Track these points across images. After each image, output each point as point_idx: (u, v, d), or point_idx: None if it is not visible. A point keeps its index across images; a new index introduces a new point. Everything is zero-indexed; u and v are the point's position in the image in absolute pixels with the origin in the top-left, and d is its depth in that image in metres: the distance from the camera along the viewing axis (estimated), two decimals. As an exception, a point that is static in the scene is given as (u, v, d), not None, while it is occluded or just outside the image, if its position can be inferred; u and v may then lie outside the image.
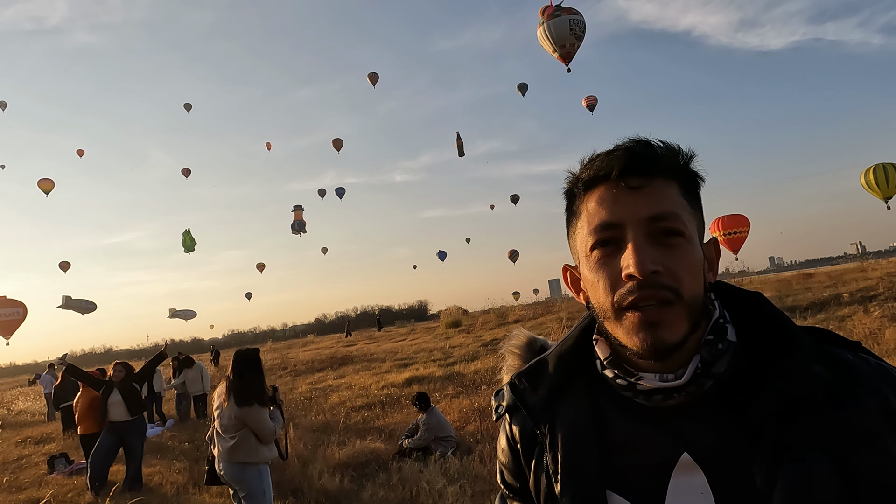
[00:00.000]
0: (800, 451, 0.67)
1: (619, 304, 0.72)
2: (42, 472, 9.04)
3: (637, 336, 0.71)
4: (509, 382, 0.91)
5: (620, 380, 0.77)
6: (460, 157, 34.12)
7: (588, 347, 0.85)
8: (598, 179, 0.77)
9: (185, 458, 8.58)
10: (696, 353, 0.73)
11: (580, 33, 19.11)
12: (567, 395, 0.85)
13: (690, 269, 0.72)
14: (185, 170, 44.66)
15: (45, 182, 32.44)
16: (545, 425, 0.84)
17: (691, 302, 0.71)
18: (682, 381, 0.72)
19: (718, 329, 0.75)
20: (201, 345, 72.13)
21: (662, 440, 0.74)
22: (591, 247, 0.76)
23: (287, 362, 22.08)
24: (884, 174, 21.58)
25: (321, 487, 6.20)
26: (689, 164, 0.78)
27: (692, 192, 0.78)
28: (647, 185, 0.74)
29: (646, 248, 0.71)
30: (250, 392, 4.19)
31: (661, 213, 0.73)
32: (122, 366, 7.51)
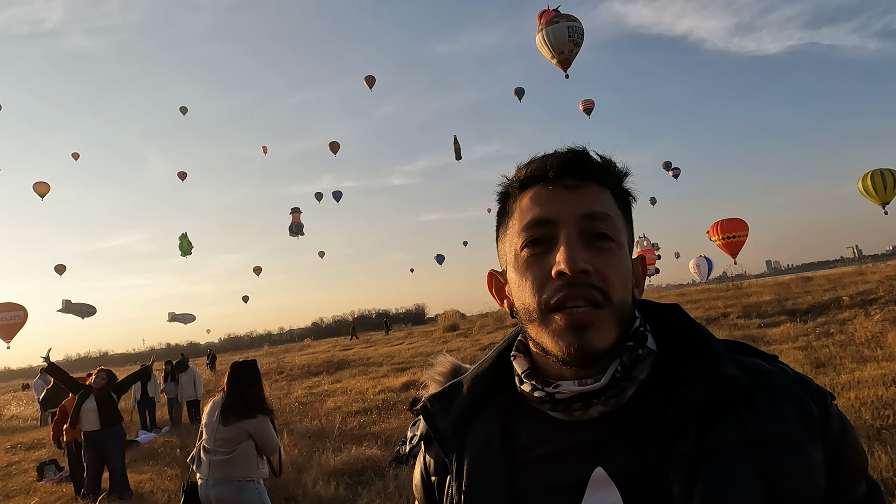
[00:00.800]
0: (718, 457, 0.65)
1: (547, 304, 0.70)
2: (32, 479, 8.88)
3: (564, 340, 0.69)
4: (421, 406, 0.86)
5: (538, 391, 0.74)
6: (457, 160, 34.07)
7: (506, 368, 0.82)
8: (534, 179, 0.76)
9: (177, 465, 8.43)
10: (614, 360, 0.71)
11: (578, 40, 19.26)
12: (479, 418, 0.81)
13: (620, 276, 0.71)
14: (181, 173, 44.58)
15: (40, 185, 32.27)
16: (453, 451, 0.80)
17: (620, 307, 0.70)
18: (601, 384, 0.69)
19: (638, 336, 0.74)
20: (197, 349, 71.81)
21: (576, 456, 0.71)
22: (521, 245, 0.74)
23: (283, 367, 21.92)
24: (881, 180, 21.66)
25: (316, 495, 6.06)
26: (623, 179, 0.78)
27: (625, 206, 0.78)
28: (583, 186, 0.74)
29: (578, 246, 0.70)
30: (251, 403, 3.97)
31: (596, 212, 0.72)
32: (104, 373, 7.32)
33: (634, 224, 0.81)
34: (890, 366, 7.63)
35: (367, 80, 37.05)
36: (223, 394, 4.02)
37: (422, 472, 0.88)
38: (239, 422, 3.85)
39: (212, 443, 3.87)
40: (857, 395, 6.39)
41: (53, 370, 7.40)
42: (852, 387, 6.80)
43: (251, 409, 3.90)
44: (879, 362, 8.05)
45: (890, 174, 21.78)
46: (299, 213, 38.90)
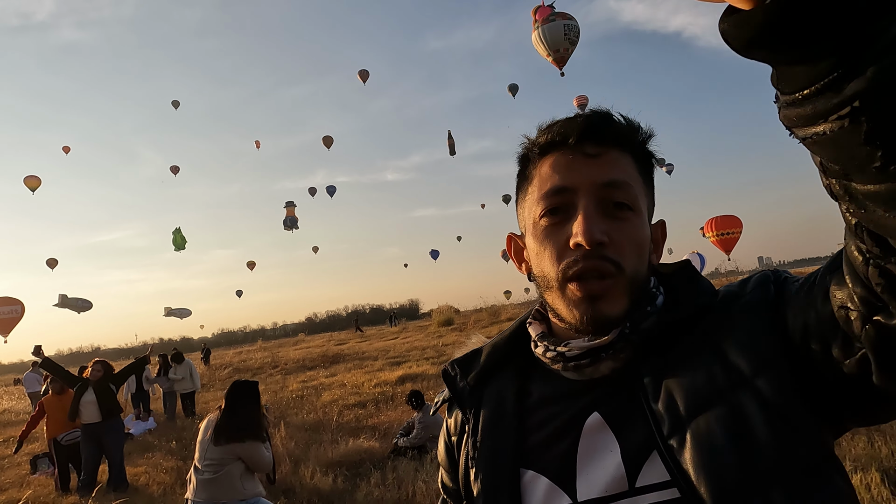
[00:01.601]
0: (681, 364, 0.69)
1: (565, 275, 0.71)
2: (24, 472, 8.81)
3: (577, 309, 0.71)
4: (443, 370, 0.90)
5: (550, 351, 0.76)
6: (451, 155, 34.07)
7: (524, 335, 0.85)
8: (554, 145, 0.75)
9: (172, 457, 8.38)
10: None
11: (574, 38, 19.37)
12: (495, 378, 0.85)
13: (636, 245, 0.72)
14: (173, 167, 44.32)
15: (31, 179, 32.01)
16: (470, 410, 0.84)
17: (632, 278, 0.71)
18: (609, 338, 0.71)
19: (649, 295, 0.75)
20: (191, 344, 71.70)
21: (576, 405, 0.74)
22: (540, 213, 0.75)
23: (278, 361, 21.88)
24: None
25: (314, 487, 6.03)
26: (646, 142, 0.78)
27: (647, 170, 0.78)
28: (604, 154, 0.73)
29: (595, 216, 0.70)
30: (244, 426, 3.88)
31: (615, 181, 0.72)
32: (101, 365, 7.29)
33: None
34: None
35: (361, 74, 36.95)
36: (219, 412, 3.96)
37: (444, 437, 0.91)
38: (229, 444, 3.79)
39: (201, 461, 3.83)
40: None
41: (48, 364, 7.33)
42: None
43: (242, 433, 3.84)
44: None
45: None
46: (294, 206, 38.85)
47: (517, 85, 34.44)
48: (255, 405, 4.01)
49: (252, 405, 3.99)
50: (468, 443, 0.83)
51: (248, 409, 3.96)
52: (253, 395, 4.03)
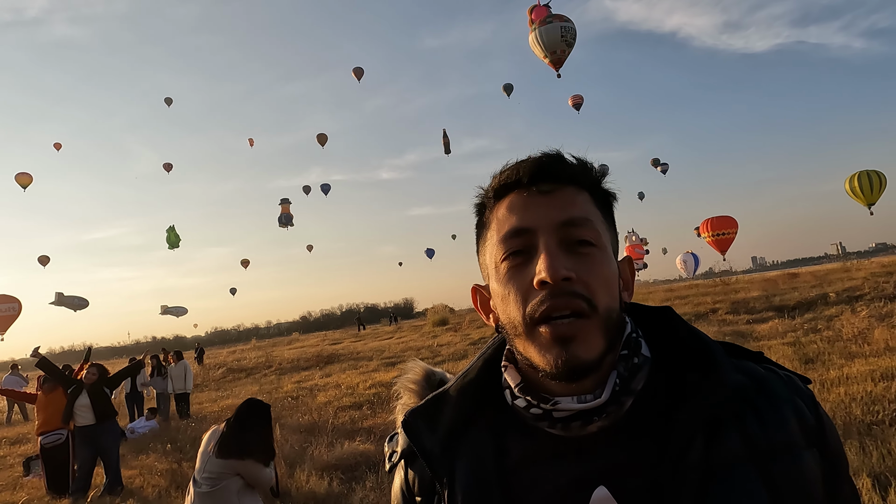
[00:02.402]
0: (726, 468, 0.63)
1: (532, 317, 0.67)
2: (17, 474, 8.76)
3: (550, 353, 0.66)
4: (402, 422, 0.81)
5: (535, 409, 0.70)
6: (446, 154, 34.02)
7: (493, 379, 0.79)
8: (508, 187, 0.74)
9: (167, 459, 8.35)
10: (612, 371, 0.69)
11: (571, 40, 19.48)
12: (468, 436, 0.76)
13: (604, 281, 0.69)
14: (166, 164, 44.06)
15: (22, 176, 31.77)
16: (444, 474, 0.74)
17: (606, 316, 0.67)
18: (602, 400, 0.67)
19: (632, 343, 0.71)
20: (184, 342, 71.36)
21: (576, 475, 0.68)
22: (501, 257, 0.72)
23: (272, 361, 21.84)
24: (868, 181, 22.03)
25: (309, 490, 6.03)
26: (601, 179, 0.76)
27: (606, 207, 0.76)
28: (559, 191, 0.71)
29: (558, 253, 0.67)
30: (249, 446, 3.80)
31: (573, 219, 0.70)
32: (95, 368, 7.29)
33: (626, 220, 0.78)
34: (878, 361, 7.73)
35: (356, 71, 36.86)
36: (226, 424, 3.90)
37: (403, 491, 0.82)
38: (231, 459, 3.72)
39: (200, 473, 3.76)
40: (846, 390, 6.47)
41: (44, 365, 7.33)
42: (842, 382, 6.88)
43: (247, 451, 3.78)
44: (867, 358, 8.16)
45: (876, 176, 22.16)
46: (289, 203, 38.80)
47: (512, 85, 34.46)
48: (266, 427, 3.95)
49: (264, 427, 3.93)
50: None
51: (259, 429, 3.89)
52: (266, 417, 3.97)
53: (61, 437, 7.33)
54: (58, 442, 7.30)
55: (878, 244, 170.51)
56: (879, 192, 22.41)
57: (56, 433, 7.32)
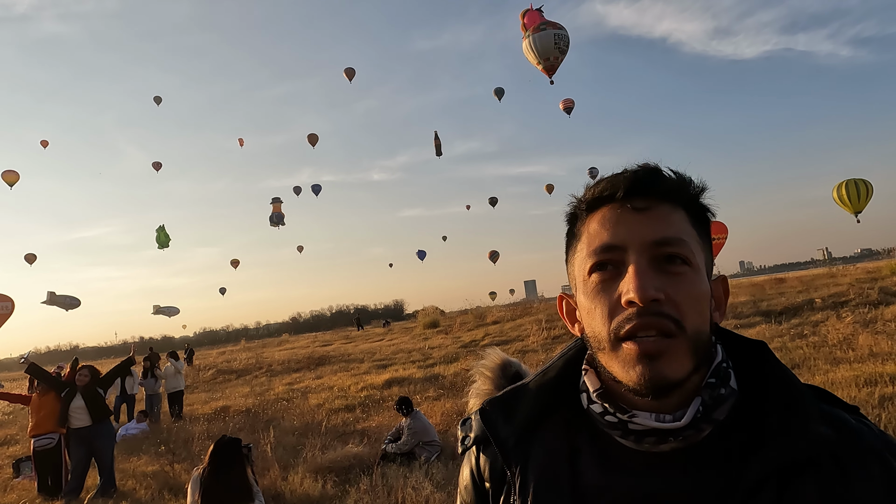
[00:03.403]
0: None
1: (617, 334, 0.67)
2: (7, 476, 8.69)
3: (634, 370, 0.65)
4: (479, 410, 0.83)
5: (610, 416, 0.71)
6: (438, 156, 34.08)
7: (571, 381, 0.80)
8: (601, 200, 0.73)
9: (159, 462, 8.34)
10: (696, 396, 0.68)
11: (564, 47, 19.70)
12: (543, 432, 0.77)
13: (695, 302, 0.67)
14: (155, 163, 43.72)
15: (9, 174, 31.46)
16: (517, 465, 0.76)
17: (695, 337, 0.66)
18: (681, 424, 0.67)
19: (721, 373, 0.70)
20: (172, 343, 70.77)
21: (645, 491, 0.68)
22: (589, 270, 0.72)
23: (262, 362, 21.75)
24: (855, 190, 22.33)
25: (303, 493, 6.06)
26: (699, 196, 0.74)
27: (702, 224, 0.74)
28: (654, 208, 0.70)
29: (648, 272, 0.66)
30: (233, 489, 3.91)
31: (667, 238, 0.68)
32: (87, 370, 7.27)
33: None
34: (862, 367, 7.89)
35: (347, 72, 36.83)
36: (204, 472, 3.97)
37: (473, 474, 0.84)
38: None
39: None
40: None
41: (34, 370, 7.32)
42: (826, 388, 7.00)
43: (231, 496, 3.87)
44: (852, 364, 8.31)
45: (863, 184, 22.48)
46: (280, 202, 38.79)
47: (503, 89, 34.66)
48: (240, 465, 4.05)
49: (240, 465, 4.03)
50: (515, 500, 0.75)
51: (236, 470, 3.99)
52: (238, 454, 4.07)
53: (53, 440, 7.31)
54: (49, 445, 7.29)
55: (864, 250, 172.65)
56: (866, 199, 22.73)
57: (48, 436, 7.30)
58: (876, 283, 15.02)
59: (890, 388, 6.66)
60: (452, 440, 7.55)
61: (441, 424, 8.57)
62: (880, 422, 5.56)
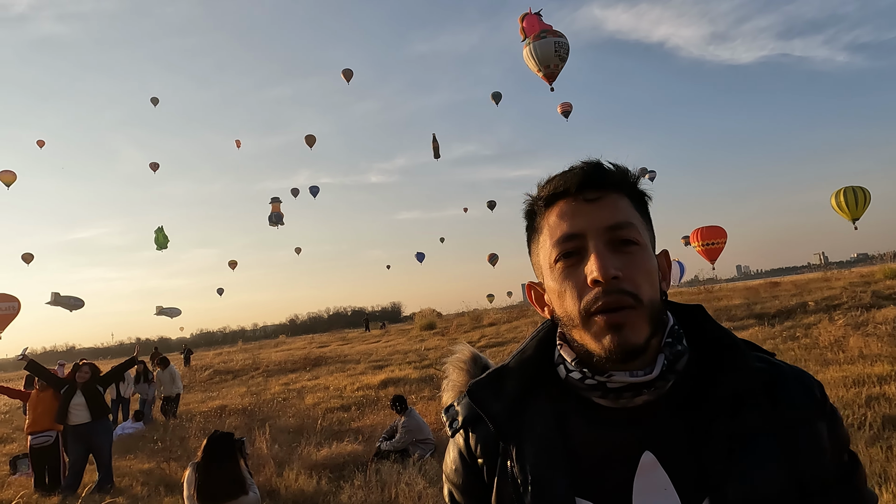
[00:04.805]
0: (749, 436, 0.77)
1: (587, 310, 0.77)
2: (4, 473, 8.74)
3: (605, 339, 0.76)
4: (469, 390, 0.90)
5: (590, 380, 0.80)
6: (436, 158, 34.18)
7: (547, 358, 0.89)
8: (557, 195, 0.84)
9: (154, 459, 8.41)
10: (658, 354, 0.80)
11: (564, 55, 19.91)
12: (530, 403, 0.86)
13: (647, 276, 0.79)
14: (153, 164, 43.84)
15: (5, 174, 31.51)
16: (511, 435, 0.85)
17: (650, 306, 0.78)
18: (653, 376, 0.78)
19: (675, 334, 0.83)
20: (169, 344, 70.68)
21: (626, 441, 0.79)
22: (555, 258, 0.82)
23: (259, 363, 21.79)
24: (853, 197, 22.52)
25: (298, 489, 6.13)
26: (637, 183, 0.86)
27: (643, 208, 0.86)
28: (604, 198, 0.81)
29: (607, 254, 0.77)
30: (226, 484, 3.96)
31: (618, 223, 0.80)
32: (88, 367, 7.34)
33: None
34: (851, 368, 7.99)
35: (345, 73, 36.96)
36: (198, 467, 4.02)
37: (462, 455, 0.91)
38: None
39: None
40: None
41: (33, 367, 7.36)
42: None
43: (224, 495, 3.92)
44: (841, 365, 8.41)
45: (861, 192, 22.68)
46: (279, 202, 38.90)
47: (500, 93, 34.79)
48: (233, 460, 4.10)
49: (232, 461, 4.08)
50: (514, 469, 0.83)
51: (228, 465, 4.05)
52: (231, 450, 4.13)
53: (50, 438, 7.36)
54: (46, 443, 7.34)
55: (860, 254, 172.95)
56: (864, 207, 22.91)
57: (45, 434, 7.35)
58: (869, 286, 15.14)
59: (877, 389, 6.76)
60: (446, 438, 7.62)
61: (435, 423, 8.63)
62: (865, 420, 5.66)
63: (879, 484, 4.13)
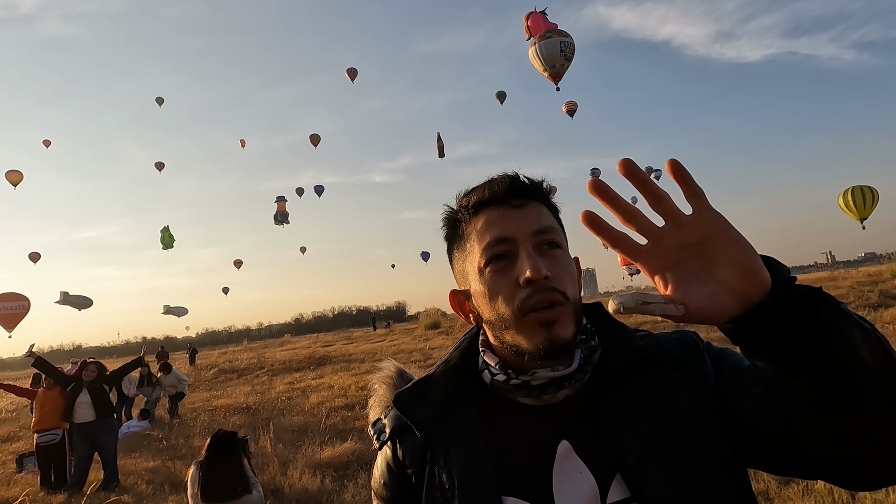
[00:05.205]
0: (640, 402, 0.82)
1: (521, 309, 0.80)
2: (10, 471, 8.79)
3: (538, 336, 0.80)
4: (395, 399, 0.92)
5: (515, 380, 0.84)
6: (440, 157, 34.17)
7: (471, 366, 0.93)
8: (484, 203, 0.88)
9: (159, 457, 8.43)
10: (576, 349, 0.84)
11: (570, 54, 19.89)
12: (456, 410, 0.89)
13: (570, 276, 0.85)
14: (158, 163, 43.89)
15: (13, 174, 31.66)
16: (438, 441, 0.87)
17: (575, 304, 0.83)
18: (572, 368, 0.82)
19: (588, 331, 0.88)
20: (175, 343, 71.00)
21: (546, 435, 0.83)
22: (486, 262, 0.85)
23: (264, 362, 21.84)
24: (861, 196, 22.37)
25: (302, 488, 6.13)
26: (550, 195, 0.91)
27: (557, 216, 0.91)
28: (528, 205, 0.86)
29: (536, 256, 0.82)
30: (231, 483, 3.97)
31: (544, 227, 0.85)
32: (95, 365, 7.38)
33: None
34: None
35: (349, 72, 36.96)
36: (202, 465, 4.03)
37: (391, 467, 0.92)
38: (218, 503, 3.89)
39: None
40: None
41: (41, 364, 7.39)
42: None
43: (228, 494, 3.92)
44: (848, 365, 8.34)
45: (869, 191, 22.54)
46: (285, 201, 38.94)
47: (505, 92, 34.70)
48: (237, 458, 4.10)
49: (236, 459, 4.08)
50: (440, 474, 0.85)
51: (232, 463, 4.05)
52: (233, 448, 4.13)
53: (56, 436, 7.39)
54: (52, 442, 7.36)
55: (868, 253, 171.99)
56: (872, 206, 22.76)
57: (51, 432, 7.38)
58: (877, 286, 15.04)
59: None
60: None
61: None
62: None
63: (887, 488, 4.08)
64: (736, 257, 0.63)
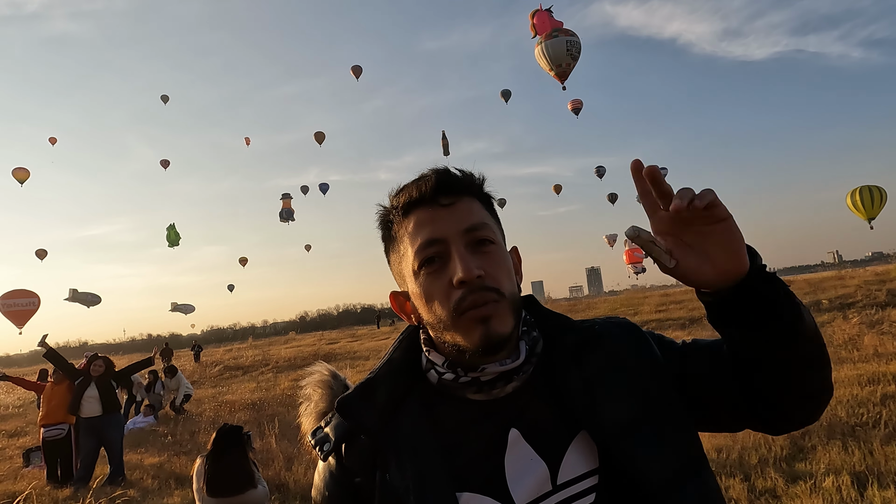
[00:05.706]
0: (601, 376, 0.84)
1: (457, 309, 0.80)
2: (17, 465, 8.86)
3: (475, 333, 0.80)
4: (338, 405, 0.87)
5: (464, 378, 0.84)
6: (445, 155, 34.14)
7: (413, 365, 0.91)
8: (413, 204, 0.86)
9: (165, 452, 8.47)
10: (520, 341, 0.85)
11: (576, 54, 19.89)
12: (403, 411, 0.87)
13: (506, 272, 0.84)
14: (163, 161, 44.08)
15: (19, 171, 31.81)
16: (386, 444, 0.84)
17: (511, 299, 0.83)
18: (520, 361, 0.83)
19: (529, 323, 0.89)
20: (180, 340, 71.24)
21: (496, 427, 0.83)
22: (419, 265, 0.84)
23: (269, 359, 21.93)
24: (869, 196, 22.26)
25: (307, 483, 6.14)
26: (483, 185, 0.90)
27: (491, 208, 0.90)
28: (457, 202, 0.85)
29: (467, 255, 0.81)
30: (234, 477, 3.98)
31: (474, 225, 0.84)
32: (103, 361, 7.43)
33: (624, 224, 0.93)
34: (865, 367, 7.89)
35: (354, 70, 36.95)
36: (207, 460, 4.05)
37: (335, 478, 0.88)
38: (223, 497, 3.90)
39: None
40: (834, 394, 6.60)
41: (52, 356, 7.43)
42: (829, 386, 7.02)
43: (234, 487, 3.92)
44: (856, 363, 8.32)
45: (878, 191, 22.43)
46: (290, 198, 39.08)
47: (510, 91, 34.64)
48: (242, 452, 4.11)
49: (241, 453, 4.09)
50: (392, 480, 0.82)
51: (237, 458, 4.05)
52: (238, 442, 4.14)
53: (62, 431, 7.42)
54: (59, 436, 7.39)
55: (875, 253, 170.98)
56: (880, 206, 22.64)
57: (58, 427, 7.41)
58: (884, 285, 14.97)
59: (892, 387, 6.67)
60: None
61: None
62: (881, 418, 5.58)
63: (895, 482, 4.06)
64: (729, 243, 0.74)
